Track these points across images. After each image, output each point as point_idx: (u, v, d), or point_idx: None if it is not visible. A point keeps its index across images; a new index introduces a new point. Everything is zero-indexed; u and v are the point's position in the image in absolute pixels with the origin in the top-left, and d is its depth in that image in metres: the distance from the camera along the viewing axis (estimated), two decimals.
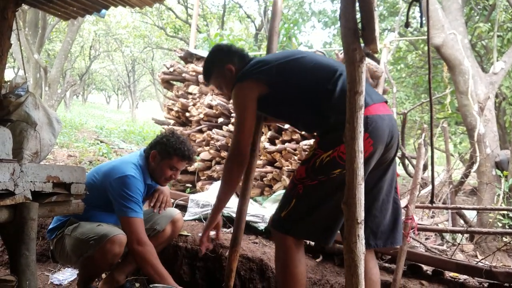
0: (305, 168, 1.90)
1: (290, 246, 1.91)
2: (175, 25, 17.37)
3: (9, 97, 3.10)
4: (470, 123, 5.08)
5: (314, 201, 1.87)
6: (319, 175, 1.85)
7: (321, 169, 1.84)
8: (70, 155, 6.88)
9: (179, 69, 5.11)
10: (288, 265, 1.91)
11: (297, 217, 1.90)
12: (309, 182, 1.87)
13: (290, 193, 1.94)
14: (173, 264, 3.04)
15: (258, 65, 2.03)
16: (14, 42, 7.86)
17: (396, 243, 2.05)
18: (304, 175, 1.89)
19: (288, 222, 1.91)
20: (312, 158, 1.88)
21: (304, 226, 1.89)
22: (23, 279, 1.77)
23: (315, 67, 1.96)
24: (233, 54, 2.23)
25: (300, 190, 1.89)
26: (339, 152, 1.77)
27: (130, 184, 2.49)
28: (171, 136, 2.67)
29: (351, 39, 1.29)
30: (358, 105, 1.31)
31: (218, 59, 2.24)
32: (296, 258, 1.91)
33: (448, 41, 5.08)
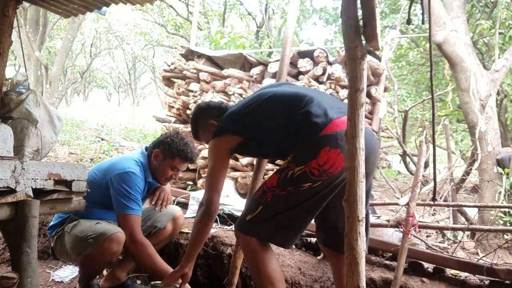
0: (277, 178, 1.96)
1: (256, 248, 1.97)
2: (176, 22, 17.34)
3: (10, 95, 3.11)
4: (472, 120, 5.06)
5: (279, 209, 1.93)
6: (289, 187, 1.91)
7: (291, 181, 1.89)
8: (71, 153, 6.89)
9: (180, 66, 5.10)
10: (258, 267, 1.98)
11: (261, 222, 1.96)
12: (278, 192, 1.93)
13: (259, 199, 1.99)
14: (174, 261, 3.04)
15: (229, 119, 2.15)
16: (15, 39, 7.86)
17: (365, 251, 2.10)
18: (275, 184, 1.95)
19: (251, 225, 1.97)
20: (285, 170, 1.93)
21: (266, 230, 1.96)
22: (24, 276, 1.78)
23: (284, 100, 2.04)
24: (212, 109, 2.38)
25: (269, 198, 1.95)
26: (311, 168, 1.83)
27: (129, 180, 2.50)
28: (175, 137, 2.67)
29: (353, 36, 1.28)
30: (359, 103, 1.31)
31: (200, 117, 2.41)
32: (264, 258, 1.97)
33: (449, 39, 5.06)
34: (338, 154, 1.80)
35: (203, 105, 2.48)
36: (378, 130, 4.61)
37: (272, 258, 2.00)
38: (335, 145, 1.81)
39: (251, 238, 1.96)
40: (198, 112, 2.45)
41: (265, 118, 2.04)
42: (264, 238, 1.97)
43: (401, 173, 10.27)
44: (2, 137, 2.27)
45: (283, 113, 2.00)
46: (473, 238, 4.22)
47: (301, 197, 1.89)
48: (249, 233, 1.97)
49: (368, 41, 1.33)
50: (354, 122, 1.32)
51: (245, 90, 4.49)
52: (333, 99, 2.13)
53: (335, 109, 1.93)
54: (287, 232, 1.97)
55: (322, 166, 1.80)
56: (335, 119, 1.86)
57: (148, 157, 2.70)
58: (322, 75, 4.25)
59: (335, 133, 1.82)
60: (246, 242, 1.99)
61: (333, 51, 8.16)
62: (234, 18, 17.80)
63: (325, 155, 1.81)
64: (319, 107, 1.90)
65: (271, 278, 1.96)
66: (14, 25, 3.14)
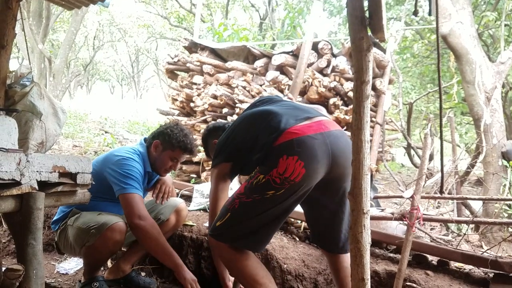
0: (244, 186, 2.01)
1: (229, 252, 2.00)
2: (179, 14, 17.27)
3: (14, 87, 3.10)
4: (477, 113, 5.03)
5: (245, 215, 1.97)
6: (254, 194, 1.94)
7: (256, 188, 1.93)
8: (75, 146, 6.91)
9: (183, 59, 5.09)
10: (238, 268, 2.02)
11: (228, 227, 1.99)
12: (245, 199, 1.97)
13: (228, 206, 2.04)
14: (178, 253, 3.05)
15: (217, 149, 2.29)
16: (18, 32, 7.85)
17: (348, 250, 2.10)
18: (242, 191, 2.00)
19: (220, 230, 2.01)
20: (252, 178, 1.98)
21: (233, 234, 1.99)
22: (30, 268, 1.79)
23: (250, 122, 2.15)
24: (217, 129, 2.61)
25: (236, 205, 1.99)
26: (273, 176, 1.87)
27: (128, 164, 2.51)
28: (175, 128, 2.68)
29: (358, 27, 1.27)
30: (365, 95, 1.30)
31: (208, 138, 2.65)
32: (241, 259, 2.00)
33: (455, 30, 5.02)
34: (297, 161, 1.84)
35: (210, 126, 2.72)
36: (382, 122, 4.59)
37: (249, 257, 2.02)
38: (292, 153, 1.85)
39: (222, 244, 2.00)
40: (206, 133, 2.69)
41: (239, 141, 2.15)
42: (234, 243, 2.00)
43: (405, 166, 10.25)
44: (6, 129, 2.27)
45: (250, 133, 2.09)
46: (477, 231, 4.21)
47: (265, 205, 1.93)
48: (219, 239, 2.00)
49: (374, 33, 1.31)
50: (359, 115, 1.31)
51: (248, 82, 4.47)
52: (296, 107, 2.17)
53: (293, 118, 1.98)
54: (254, 238, 2.00)
55: (283, 174, 1.84)
56: (291, 127, 1.91)
57: (147, 148, 2.71)
58: (326, 67, 4.23)
59: (291, 141, 1.87)
60: (219, 248, 2.03)
61: (337, 43, 8.13)
62: (237, 10, 17.72)
63: (284, 163, 1.85)
64: (276, 119, 1.97)
65: (254, 276, 1.99)
66: (17, 18, 3.13)
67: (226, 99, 4.47)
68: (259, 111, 2.15)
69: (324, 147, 1.89)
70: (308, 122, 1.96)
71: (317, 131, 1.93)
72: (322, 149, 1.88)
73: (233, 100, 4.46)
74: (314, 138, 1.89)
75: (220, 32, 7.51)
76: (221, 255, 2.06)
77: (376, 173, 4.90)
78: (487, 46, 9.48)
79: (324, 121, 2.01)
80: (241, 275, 2.02)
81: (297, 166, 1.83)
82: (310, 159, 1.86)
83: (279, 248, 2.88)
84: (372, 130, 4.42)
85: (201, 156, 4.51)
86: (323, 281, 2.73)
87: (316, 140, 1.88)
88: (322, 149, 1.88)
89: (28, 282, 1.77)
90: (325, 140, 1.91)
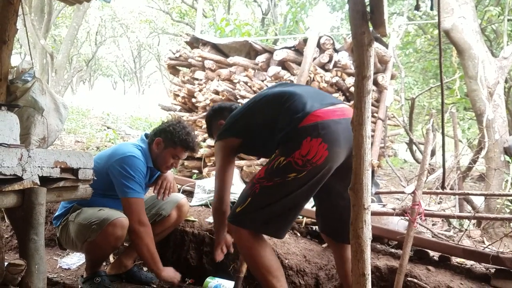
0: (264, 170, 1.99)
1: (249, 240, 1.99)
2: (181, 9, 17.23)
3: (16, 83, 3.11)
4: (479, 108, 5.01)
5: (267, 200, 1.96)
6: (276, 177, 1.93)
7: (277, 171, 1.92)
8: (77, 141, 6.93)
9: (185, 54, 5.08)
10: (254, 258, 2.00)
11: (249, 213, 1.98)
12: (266, 183, 1.96)
13: (248, 191, 2.03)
14: (180, 249, 3.06)
15: (228, 123, 2.28)
16: (20, 27, 7.85)
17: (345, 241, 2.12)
18: (262, 176, 1.98)
19: (240, 216, 2.00)
20: (272, 161, 1.97)
21: (255, 220, 1.98)
22: (32, 263, 1.80)
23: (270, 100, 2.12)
24: (223, 110, 2.59)
25: (257, 190, 1.98)
26: (295, 158, 1.87)
27: (131, 163, 2.52)
28: (177, 126, 2.68)
29: (360, 22, 1.26)
30: (366, 90, 1.29)
31: (212, 118, 2.62)
32: (259, 249, 1.99)
33: (457, 25, 4.99)
34: (320, 143, 1.84)
35: (215, 106, 2.68)
36: (384, 118, 4.58)
37: (267, 248, 2.02)
38: (316, 135, 1.86)
39: (242, 230, 1.99)
40: (211, 113, 2.66)
41: (255, 119, 2.14)
42: (254, 229, 2.00)
43: (407, 162, 10.24)
44: (8, 125, 2.27)
45: (269, 112, 2.07)
46: (479, 226, 4.21)
47: (287, 188, 1.92)
48: (240, 225, 1.99)
49: (375, 27, 1.31)
50: (360, 110, 1.30)
51: (250, 78, 4.47)
52: (319, 92, 2.21)
53: (318, 101, 1.98)
54: (276, 223, 1.99)
55: (306, 156, 1.84)
56: (316, 110, 1.91)
57: (148, 144, 2.71)
58: (328, 62, 4.22)
59: (315, 124, 1.87)
60: (238, 234, 2.02)
61: (339, 38, 8.10)
62: (239, 5, 17.64)
63: (307, 145, 1.85)
64: (300, 101, 1.96)
65: (269, 268, 1.99)
66: (19, 13, 3.13)
67: (228, 95, 4.46)
68: (283, 91, 2.11)
69: (346, 133, 1.89)
70: (333, 107, 1.97)
71: (341, 116, 1.95)
72: (344, 134, 1.89)
73: (234, 96, 4.45)
74: (338, 123, 1.91)
75: (222, 27, 7.50)
76: (239, 241, 2.04)
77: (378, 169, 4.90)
78: (490, 41, 9.44)
79: (346, 108, 2.03)
80: (256, 264, 2.01)
81: (320, 148, 1.84)
82: (333, 142, 1.87)
83: (280, 243, 2.89)
84: (374, 126, 4.40)
85: (203, 152, 4.52)
86: (324, 276, 2.73)
87: (340, 125, 1.91)
88: (344, 134, 1.89)
89: (30, 277, 1.78)
90: (348, 126, 1.91)
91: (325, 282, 2.72)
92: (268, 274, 1.98)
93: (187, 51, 5.10)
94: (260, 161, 4.03)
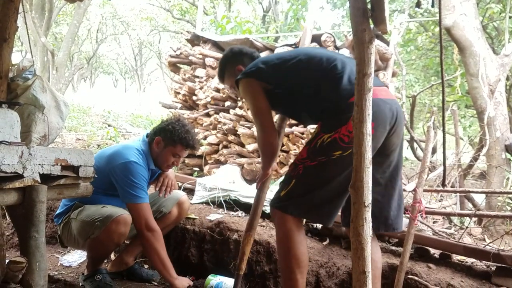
0: (306, 149, 1.93)
1: (290, 228, 1.93)
2: (182, 7, 17.20)
3: (17, 80, 3.10)
4: (480, 106, 5.01)
5: (312, 182, 1.88)
6: (319, 156, 1.86)
7: (321, 150, 1.85)
8: (78, 139, 6.93)
9: (186, 52, 5.07)
10: (289, 247, 1.94)
11: (295, 196, 1.92)
12: (309, 163, 1.89)
13: (291, 173, 1.96)
14: (181, 246, 3.07)
15: (259, 64, 2.11)
16: (21, 25, 7.85)
17: (398, 229, 2.08)
18: (305, 156, 1.92)
19: (286, 200, 1.93)
20: (314, 139, 1.90)
21: (302, 205, 1.91)
22: (33, 261, 1.80)
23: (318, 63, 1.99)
24: (243, 55, 2.37)
25: (300, 171, 1.92)
26: (340, 134, 1.80)
27: (133, 170, 2.51)
28: (176, 124, 2.66)
29: (360, 19, 1.26)
30: (367, 88, 1.29)
31: (230, 60, 2.39)
32: (297, 240, 1.93)
33: (459, 23, 4.98)
34: None
35: (235, 49, 2.45)
36: None
37: (303, 241, 1.96)
38: None
39: (287, 215, 1.92)
40: (229, 55, 2.42)
41: (297, 76, 2.02)
42: (299, 214, 1.93)
43: (408, 159, 10.22)
44: (9, 123, 2.27)
45: (314, 76, 1.97)
46: (480, 224, 4.21)
47: (332, 168, 1.84)
48: (285, 210, 1.93)
49: (376, 25, 1.31)
50: (361, 108, 1.30)
51: None
52: None
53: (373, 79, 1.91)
54: (322, 209, 1.91)
55: (352, 133, 1.71)
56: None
57: (149, 144, 2.70)
58: None
59: None
60: (281, 220, 1.95)
61: (340, 36, 8.08)
62: (240, 2, 17.61)
63: None
64: (352, 74, 1.88)
65: (299, 261, 1.94)
66: (20, 11, 3.12)
67: (229, 92, 4.46)
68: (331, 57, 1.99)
69: (390, 114, 1.87)
70: (379, 87, 1.93)
71: (387, 96, 1.91)
72: (389, 115, 1.86)
73: (235, 93, 4.45)
74: (385, 102, 1.87)
75: (223, 25, 7.48)
76: (281, 227, 1.96)
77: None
78: (492, 39, 9.41)
79: (388, 90, 1.99)
80: (288, 254, 1.94)
81: None
82: (380, 121, 1.82)
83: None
84: None
85: (204, 149, 4.52)
86: (324, 273, 2.73)
87: (387, 105, 1.87)
88: (389, 115, 1.86)
89: (31, 275, 1.78)
90: (392, 107, 1.89)
91: (325, 280, 2.72)
92: (296, 266, 1.93)
93: (188, 49, 5.10)
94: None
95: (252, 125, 4.19)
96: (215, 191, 3.45)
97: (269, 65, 2.09)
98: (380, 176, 1.98)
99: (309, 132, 3.68)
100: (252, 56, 2.35)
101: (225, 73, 2.42)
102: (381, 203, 2.01)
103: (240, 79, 2.15)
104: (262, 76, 2.08)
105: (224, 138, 4.46)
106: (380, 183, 1.99)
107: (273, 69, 2.08)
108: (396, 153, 1.99)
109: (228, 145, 4.45)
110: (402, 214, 2.11)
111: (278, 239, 2.03)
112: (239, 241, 2.86)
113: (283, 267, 2.02)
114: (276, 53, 2.24)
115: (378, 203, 1.99)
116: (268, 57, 2.19)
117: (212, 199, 3.43)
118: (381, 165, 1.97)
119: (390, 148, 1.96)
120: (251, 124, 4.22)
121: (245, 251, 2.38)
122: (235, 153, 4.32)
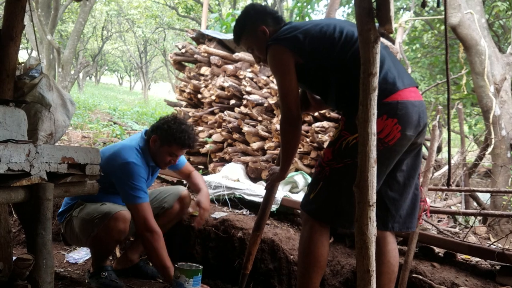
0: (331, 151, 1.90)
1: (315, 228, 1.93)
2: (187, 4, 17.20)
3: (24, 79, 3.12)
4: (486, 104, 4.99)
5: (340, 185, 1.85)
6: (345, 158, 1.84)
7: (347, 151, 1.83)
8: (84, 137, 6.95)
9: (191, 50, 5.08)
10: (309, 245, 1.94)
11: (323, 200, 1.90)
12: (336, 165, 1.87)
13: (318, 176, 1.95)
14: (185, 244, 3.08)
15: (293, 31, 1.92)
16: (27, 23, 7.88)
17: (412, 228, 2.07)
18: (331, 158, 1.89)
19: (314, 204, 1.93)
20: (338, 140, 1.87)
21: (330, 210, 1.90)
22: (39, 258, 1.82)
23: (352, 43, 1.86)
24: (267, 15, 2.10)
25: (327, 173, 1.90)
26: None
27: (133, 172, 2.50)
28: (172, 123, 2.61)
29: (366, 18, 1.26)
30: (372, 87, 1.29)
31: (251, 19, 2.10)
32: (319, 240, 1.93)
33: (464, 21, 4.96)
34: (395, 124, 1.76)
35: (258, 6, 2.19)
36: None
37: (325, 243, 1.96)
38: (393, 115, 1.76)
39: (314, 221, 1.93)
40: (251, 13, 2.13)
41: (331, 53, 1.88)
42: (327, 220, 1.93)
43: None
44: (16, 121, 2.29)
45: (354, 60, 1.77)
46: (485, 223, 4.19)
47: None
48: (313, 215, 1.93)
49: (381, 24, 1.30)
50: (366, 107, 1.30)
51: (256, 73, 4.46)
52: (401, 65, 1.99)
53: (405, 79, 1.86)
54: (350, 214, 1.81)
55: (378, 135, 1.63)
56: (402, 89, 1.80)
57: (147, 142, 2.68)
58: None
59: (396, 102, 1.77)
60: (308, 220, 1.96)
61: None
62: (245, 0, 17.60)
63: (381, 124, 1.73)
64: (391, 72, 1.82)
65: (318, 262, 1.94)
66: (26, 9, 3.14)
67: (234, 91, 4.46)
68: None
69: (417, 116, 1.83)
70: (410, 87, 1.87)
71: (416, 98, 1.86)
72: (416, 118, 1.82)
73: (240, 92, 4.45)
74: (414, 105, 1.82)
75: (228, 23, 7.47)
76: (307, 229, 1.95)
77: None
78: (498, 37, 9.35)
79: (416, 89, 1.93)
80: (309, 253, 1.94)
81: (394, 129, 1.76)
82: (407, 124, 1.79)
83: (285, 239, 2.90)
84: None
85: (208, 147, 4.53)
86: (329, 272, 2.74)
87: (415, 108, 1.82)
88: (416, 118, 1.82)
89: (38, 272, 1.80)
90: (419, 109, 1.85)
91: (330, 278, 2.72)
92: (313, 266, 1.93)
93: (193, 47, 5.11)
94: (265, 157, 4.03)
95: (256, 124, 4.19)
96: (220, 189, 3.46)
97: (307, 36, 1.90)
98: (398, 174, 1.97)
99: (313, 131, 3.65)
100: (276, 18, 2.10)
101: (244, 33, 2.13)
102: (398, 201, 1.99)
103: (271, 45, 1.94)
104: (298, 48, 1.90)
105: (229, 136, 4.47)
106: (399, 182, 1.97)
107: (310, 42, 1.89)
108: (416, 152, 1.98)
109: (233, 143, 4.46)
110: (416, 213, 2.09)
111: (301, 237, 2.03)
112: (244, 239, 2.87)
113: (299, 263, 2.03)
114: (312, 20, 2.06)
115: (395, 202, 1.97)
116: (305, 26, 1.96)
117: (217, 197, 3.44)
118: (400, 164, 1.95)
119: (415, 148, 1.95)
120: (256, 122, 4.22)
121: (251, 251, 2.38)
122: (240, 151, 4.33)
